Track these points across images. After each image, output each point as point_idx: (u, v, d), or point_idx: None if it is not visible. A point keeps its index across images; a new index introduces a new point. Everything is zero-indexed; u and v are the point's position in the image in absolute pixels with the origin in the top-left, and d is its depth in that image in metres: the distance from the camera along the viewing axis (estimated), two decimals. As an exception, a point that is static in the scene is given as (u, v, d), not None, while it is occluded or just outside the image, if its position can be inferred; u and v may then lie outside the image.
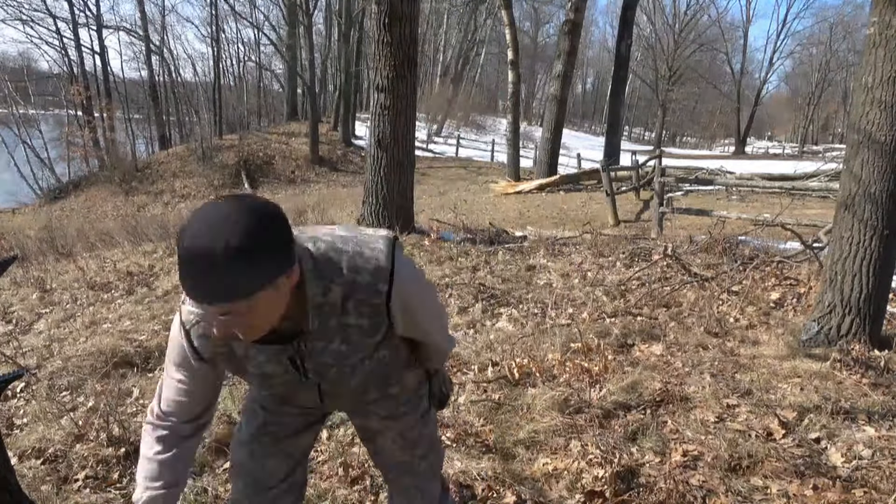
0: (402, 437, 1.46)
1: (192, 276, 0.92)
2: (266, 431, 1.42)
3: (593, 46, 59.33)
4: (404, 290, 1.15)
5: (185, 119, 36.60)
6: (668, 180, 8.88)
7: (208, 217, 0.92)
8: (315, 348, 1.16)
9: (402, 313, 1.17)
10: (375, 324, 1.16)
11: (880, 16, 3.30)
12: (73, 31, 30.85)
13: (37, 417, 3.12)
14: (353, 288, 1.11)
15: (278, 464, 1.44)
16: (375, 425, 1.46)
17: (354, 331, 1.15)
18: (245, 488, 1.46)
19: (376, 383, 1.34)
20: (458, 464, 2.39)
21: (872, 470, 2.37)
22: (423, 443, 1.50)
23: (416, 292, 1.20)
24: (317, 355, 1.18)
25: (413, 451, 1.49)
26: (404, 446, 1.47)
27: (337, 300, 1.10)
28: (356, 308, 1.13)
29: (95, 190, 24.73)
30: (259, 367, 1.20)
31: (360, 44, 29.38)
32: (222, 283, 0.91)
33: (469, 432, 2.67)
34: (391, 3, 6.00)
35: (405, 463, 1.51)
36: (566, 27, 15.34)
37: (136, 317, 4.92)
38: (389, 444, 1.47)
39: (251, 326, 1.01)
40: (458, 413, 2.87)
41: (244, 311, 0.97)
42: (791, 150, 41.10)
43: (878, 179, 3.35)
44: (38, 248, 9.26)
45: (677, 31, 42.62)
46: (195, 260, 0.91)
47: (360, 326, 1.15)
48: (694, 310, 4.38)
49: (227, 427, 2.83)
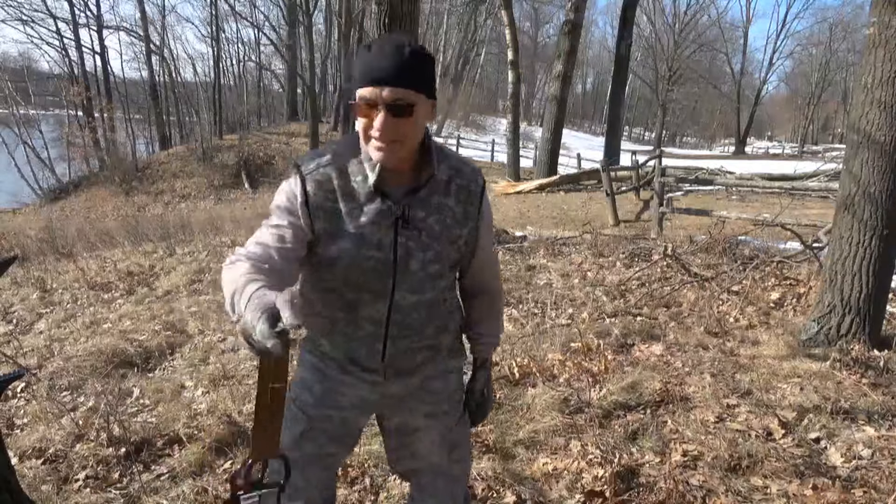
0: (441, 438, 1.47)
1: (389, 58, 1.12)
2: (308, 437, 1.40)
3: (593, 46, 59.39)
4: (488, 199, 1.36)
5: (186, 119, 36.62)
6: (668, 180, 8.89)
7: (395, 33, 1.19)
8: (416, 217, 1.26)
9: (484, 217, 1.35)
10: (467, 213, 1.32)
11: (880, 16, 3.30)
12: (74, 31, 30.88)
13: (37, 417, 3.12)
14: (458, 172, 1.31)
15: (316, 474, 1.43)
16: (418, 422, 1.45)
17: (449, 214, 1.29)
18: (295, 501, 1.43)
19: (435, 317, 1.35)
20: (458, 464, 2.39)
21: (872, 470, 2.37)
22: (460, 447, 1.52)
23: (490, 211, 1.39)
24: (413, 226, 1.26)
25: (450, 453, 1.50)
26: (442, 447, 1.48)
27: (443, 177, 1.28)
28: (457, 192, 1.30)
29: (96, 190, 24.74)
30: (359, 228, 1.24)
31: (359, 44, 29.34)
32: (410, 68, 1.13)
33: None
34: (391, 4, 5.99)
35: (440, 465, 1.50)
36: (566, 27, 15.35)
37: (137, 317, 4.92)
38: (428, 445, 1.47)
39: (405, 137, 1.17)
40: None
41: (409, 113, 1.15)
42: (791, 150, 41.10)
43: (877, 179, 3.36)
44: (39, 248, 9.26)
45: (677, 31, 42.63)
46: (394, 47, 1.13)
47: (454, 211, 1.30)
48: (694, 310, 4.38)
49: (227, 427, 2.84)
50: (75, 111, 30.84)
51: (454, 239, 1.31)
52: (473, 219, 1.33)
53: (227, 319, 4.70)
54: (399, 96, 1.13)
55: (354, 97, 1.18)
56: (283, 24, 33.15)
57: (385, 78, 1.12)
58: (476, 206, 1.33)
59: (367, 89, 1.14)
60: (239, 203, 20.18)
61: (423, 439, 1.47)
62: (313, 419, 1.40)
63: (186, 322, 4.70)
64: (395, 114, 1.14)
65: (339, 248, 1.25)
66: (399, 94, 1.13)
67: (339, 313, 1.33)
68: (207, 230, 10.09)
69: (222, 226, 11.09)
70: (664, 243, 5.86)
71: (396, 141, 1.17)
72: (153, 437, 2.82)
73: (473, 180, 1.32)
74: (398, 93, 1.13)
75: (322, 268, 1.28)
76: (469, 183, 1.31)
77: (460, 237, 1.32)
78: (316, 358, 1.41)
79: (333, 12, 30.69)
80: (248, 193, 23.22)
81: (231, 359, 3.87)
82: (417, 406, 1.44)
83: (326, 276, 1.29)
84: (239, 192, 23.66)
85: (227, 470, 2.50)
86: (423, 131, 1.23)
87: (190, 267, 6.43)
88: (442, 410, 1.46)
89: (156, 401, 3.31)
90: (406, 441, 1.50)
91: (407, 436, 1.49)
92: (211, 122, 32.51)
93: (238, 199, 21.89)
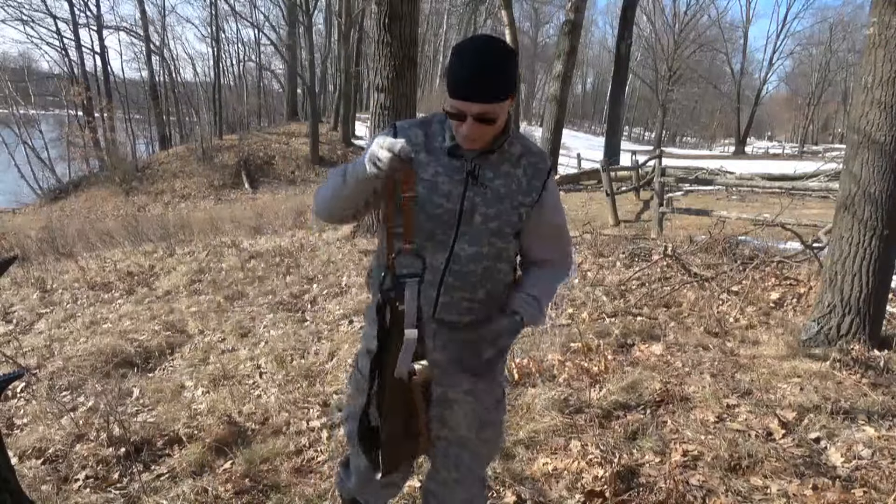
0: (474, 414, 1.54)
1: (477, 73, 1.25)
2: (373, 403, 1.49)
3: (593, 46, 59.38)
4: (554, 179, 1.50)
5: (186, 119, 36.63)
6: (668, 180, 8.89)
7: (480, 38, 1.30)
8: (485, 176, 1.41)
9: (549, 195, 1.47)
10: (532, 186, 1.44)
11: (880, 16, 3.30)
12: (74, 31, 30.89)
13: (37, 417, 3.12)
14: (529, 151, 1.46)
15: None
16: (457, 396, 1.52)
17: (515, 181, 1.43)
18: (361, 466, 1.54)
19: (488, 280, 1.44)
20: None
21: (872, 470, 2.37)
22: (492, 427, 1.58)
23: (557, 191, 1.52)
24: (481, 183, 1.40)
25: (480, 432, 1.56)
26: (473, 422, 1.54)
27: (515, 153, 1.44)
28: (526, 166, 1.44)
29: (96, 190, 24.75)
30: (434, 177, 1.40)
31: (360, 44, 29.36)
32: (496, 83, 1.26)
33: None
34: (391, 3, 6.00)
35: (469, 440, 1.56)
36: (566, 27, 15.35)
37: (137, 317, 4.92)
38: (460, 418, 1.54)
39: (487, 134, 1.33)
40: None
41: (494, 116, 1.29)
42: (791, 150, 41.08)
43: (877, 179, 3.36)
44: (39, 248, 9.27)
45: (677, 31, 42.57)
46: (483, 67, 1.25)
47: (520, 181, 1.43)
48: (694, 310, 4.38)
49: (227, 427, 2.84)
50: (75, 111, 30.84)
51: (517, 205, 1.43)
52: (537, 192, 1.45)
53: (226, 319, 4.70)
54: (486, 111, 1.28)
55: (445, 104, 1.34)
56: (283, 24, 33.13)
57: (473, 95, 1.26)
58: (542, 181, 1.46)
59: (458, 102, 1.29)
60: (239, 203, 20.19)
61: (458, 411, 1.54)
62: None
63: (186, 322, 4.70)
64: (482, 121, 1.30)
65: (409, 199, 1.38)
66: (486, 109, 1.28)
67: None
68: (207, 230, 10.09)
69: (222, 226, 11.10)
70: (664, 243, 5.86)
71: (480, 138, 1.34)
72: (153, 437, 2.82)
73: (542, 160, 1.48)
74: (485, 108, 1.27)
75: (397, 211, 1.40)
76: (538, 161, 1.46)
77: (523, 205, 1.44)
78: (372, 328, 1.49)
79: (333, 12, 30.66)
80: (248, 193, 23.23)
81: (231, 359, 3.87)
82: (460, 382, 1.51)
83: (399, 220, 1.40)
84: (239, 192, 23.67)
85: (227, 470, 2.51)
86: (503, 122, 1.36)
87: (190, 267, 6.43)
88: (481, 389, 1.53)
89: (156, 401, 3.31)
90: (441, 411, 1.55)
91: (444, 406, 1.54)
92: (211, 122, 32.51)
93: (238, 199, 21.90)
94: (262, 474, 2.47)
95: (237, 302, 5.20)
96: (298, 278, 5.74)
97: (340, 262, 6.23)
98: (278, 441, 2.71)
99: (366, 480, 1.63)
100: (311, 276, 5.79)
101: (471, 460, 1.58)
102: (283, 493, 2.33)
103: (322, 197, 1.49)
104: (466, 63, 1.26)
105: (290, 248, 7.12)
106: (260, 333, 4.37)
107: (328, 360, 3.70)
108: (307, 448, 2.67)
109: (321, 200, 1.49)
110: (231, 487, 2.36)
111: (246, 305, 5.08)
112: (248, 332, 4.44)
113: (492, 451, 1.66)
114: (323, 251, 6.77)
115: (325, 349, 3.85)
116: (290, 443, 2.70)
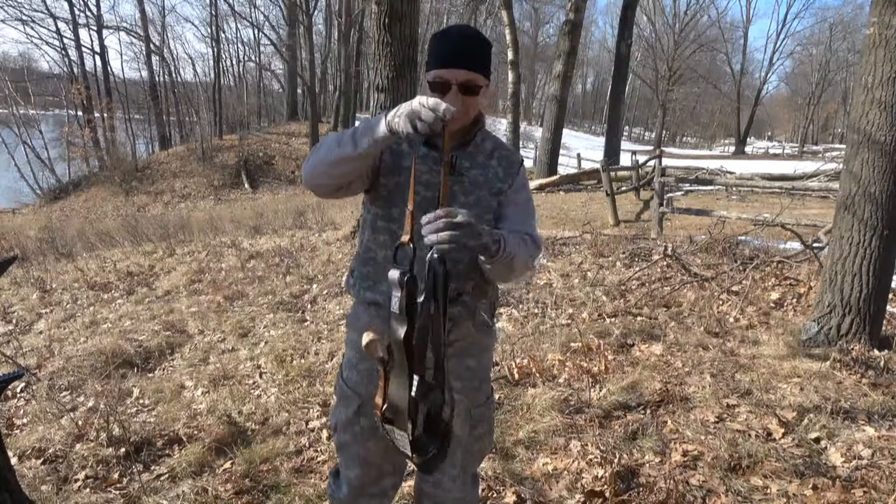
0: (466, 411, 1.55)
1: (463, 46, 1.36)
2: (363, 413, 1.53)
3: (593, 46, 59.30)
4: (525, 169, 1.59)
5: (185, 119, 36.59)
6: (668, 180, 8.87)
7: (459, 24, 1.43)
8: (462, 166, 1.47)
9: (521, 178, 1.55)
10: (507, 174, 1.52)
11: (880, 16, 3.30)
12: (74, 31, 30.88)
13: (37, 417, 3.12)
14: (501, 146, 1.55)
15: (378, 445, 1.52)
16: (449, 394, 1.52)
17: (492, 171, 1.51)
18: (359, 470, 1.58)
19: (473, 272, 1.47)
20: (458, 464, 2.39)
21: (872, 470, 2.37)
22: (484, 425, 1.62)
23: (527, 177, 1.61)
24: (459, 172, 1.45)
25: (474, 429, 1.58)
26: (466, 420, 1.55)
27: (488, 147, 1.52)
28: (499, 159, 1.53)
29: (95, 190, 24.74)
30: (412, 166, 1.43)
31: (360, 44, 29.38)
32: (481, 54, 1.38)
33: (469, 432, 2.67)
34: (391, 3, 6.00)
35: (461, 437, 1.56)
36: (566, 27, 15.35)
37: (136, 317, 4.92)
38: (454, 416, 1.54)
39: (469, 111, 1.41)
40: (458, 413, 2.87)
41: (476, 92, 1.38)
42: (791, 150, 41.03)
43: (877, 179, 3.36)
44: (39, 248, 9.26)
45: (677, 31, 42.54)
46: (466, 37, 1.37)
47: (496, 170, 1.52)
48: (694, 310, 4.38)
49: (227, 427, 2.84)
50: (75, 111, 30.86)
51: (496, 192, 1.50)
52: (512, 178, 1.52)
53: (226, 319, 4.70)
54: (471, 78, 1.37)
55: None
56: (283, 24, 33.13)
57: (459, 61, 1.35)
58: (515, 169, 1.54)
59: (444, 71, 1.36)
60: (239, 203, 20.19)
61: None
62: (363, 396, 1.52)
63: (186, 322, 4.70)
64: (465, 92, 1.37)
65: (395, 181, 1.45)
66: (471, 77, 1.36)
67: (389, 252, 1.45)
68: (207, 230, 10.08)
69: (222, 226, 11.09)
70: (664, 243, 5.86)
71: (462, 114, 1.39)
72: (153, 437, 2.82)
73: (514, 154, 1.57)
74: (470, 75, 1.36)
75: (379, 201, 1.47)
76: (510, 154, 1.55)
77: (501, 191, 1.51)
78: (356, 334, 1.49)
79: (333, 12, 30.69)
80: (248, 193, 23.23)
81: (231, 359, 3.87)
82: (451, 379, 1.48)
83: (381, 210, 1.47)
84: (239, 192, 23.67)
85: (227, 470, 2.51)
86: (479, 106, 1.45)
87: (190, 267, 6.43)
88: (472, 387, 1.56)
89: (156, 401, 3.31)
90: None
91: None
92: (211, 122, 32.49)
93: (238, 199, 21.90)
94: (262, 474, 2.47)
95: (237, 302, 5.20)
96: (298, 278, 5.74)
97: (340, 262, 6.23)
98: (278, 441, 2.71)
99: (357, 491, 1.63)
100: (311, 276, 5.79)
101: (463, 457, 1.59)
102: (283, 493, 2.33)
103: (320, 160, 1.36)
104: (452, 37, 1.37)
105: (290, 248, 7.12)
106: (260, 333, 4.37)
107: (328, 360, 3.70)
108: (307, 448, 2.67)
109: (319, 163, 1.37)
110: (231, 487, 2.36)
111: (246, 305, 5.08)
112: (247, 332, 4.44)
113: (484, 449, 1.68)
114: (323, 251, 6.77)
115: (325, 349, 3.86)
116: (290, 443, 2.71)
